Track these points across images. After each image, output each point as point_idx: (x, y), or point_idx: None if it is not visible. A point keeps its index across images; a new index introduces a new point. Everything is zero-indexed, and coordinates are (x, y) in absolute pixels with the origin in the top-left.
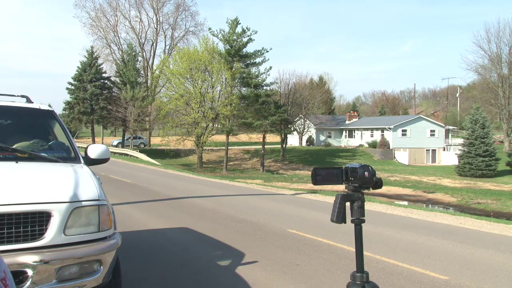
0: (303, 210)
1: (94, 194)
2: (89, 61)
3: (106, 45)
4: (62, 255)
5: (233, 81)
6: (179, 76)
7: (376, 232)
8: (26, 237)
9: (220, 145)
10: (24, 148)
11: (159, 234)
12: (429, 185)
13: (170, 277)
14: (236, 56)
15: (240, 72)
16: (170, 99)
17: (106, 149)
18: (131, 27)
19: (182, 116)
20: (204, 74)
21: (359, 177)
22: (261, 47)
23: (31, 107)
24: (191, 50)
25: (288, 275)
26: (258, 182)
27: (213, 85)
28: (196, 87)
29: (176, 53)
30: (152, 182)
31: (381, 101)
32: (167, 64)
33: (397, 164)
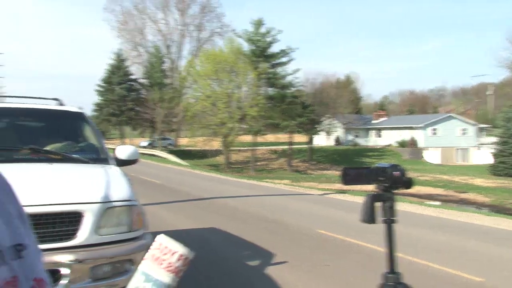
0: (332, 210)
1: (125, 195)
2: (117, 63)
3: (134, 47)
4: (95, 254)
5: (259, 82)
6: (205, 77)
7: (406, 233)
8: (61, 237)
9: (247, 145)
10: (56, 150)
11: (187, 235)
12: (461, 185)
13: (199, 277)
14: (262, 57)
15: (266, 73)
16: (197, 100)
17: (135, 150)
18: (157, 29)
19: (209, 117)
20: (230, 75)
21: (389, 176)
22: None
23: (63, 110)
24: (217, 51)
25: (317, 275)
26: (285, 182)
27: (239, 86)
28: (222, 88)
29: (202, 54)
30: (180, 183)
31: (409, 100)
32: (193, 65)
33: (427, 164)
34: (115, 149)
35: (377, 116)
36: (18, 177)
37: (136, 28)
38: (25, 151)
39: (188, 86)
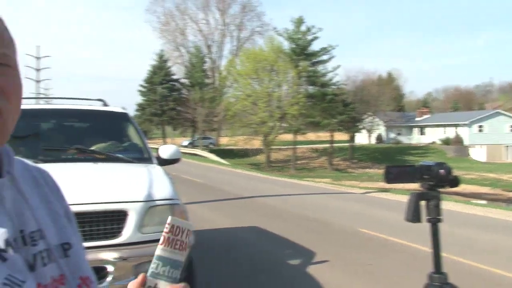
0: (374, 209)
1: (167, 194)
2: (159, 64)
3: (175, 48)
4: (139, 252)
5: (299, 80)
6: (245, 76)
7: (452, 232)
8: (106, 235)
9: (287, 144)
10: (101, 150)
11: (229, 233)
12: (509, 183)
13: (241, 276)
14: (302, 55)
15: (306, 71)
16: (237, 100)
17: (177, 149)
18: (198, 29)
19: (250, 116)
20: (270, 74)
21: (434, 175)
22: (327, 43)
23: (107, 110)
24: (257, 50)
25: (360, 275)
26: (326, 181)
27: (280, 85)
28: (263, 87)
29: (243, 53)
30: (221, 182)
31: (454, 97)
32: (233, 65)
33: (473, 162)
34: (158, 148)
35: (421, 114)
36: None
37: (178, 28)
38: (72, 151)
39: (229, 85)
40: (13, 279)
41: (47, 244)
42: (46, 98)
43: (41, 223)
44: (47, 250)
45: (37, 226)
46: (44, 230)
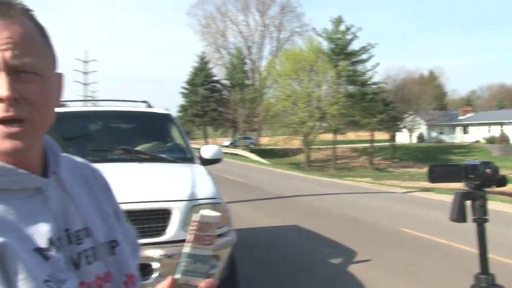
0: (416, 208)
1: (210, 193)
2: (201, 65)
3: (216, 50)
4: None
5: (339, 80)
6: (285, 77)
7: (498, 233)
8: (151, 233)
9: (327, 143)
10: (146, 150)
11: (270, 232)
12: None
13: (281, 275)
14: (341, 54)
15: (346, 70)
16: (277, 100)
17: (218, 149)
18: (238, 31)
19: (289, 116)
20: (310, 74)
21: (480, 174)
22: (366, 42)
23: (151, 112)
24: (296, 51)
25: (403, 274)
26: (367, 180)
27: (319, 85)
28: (303, 87)
29: (282, 54)
30: (262, 181)
31: (499, 94)
32: (273, 65)
33: None
34: (200, 148)
35: (464, 112)
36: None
37: (218, 30)
38: (118, 152)
39: (269, 86)
40: (55, 277)
41: (93, 242)
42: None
43: (88, 222)
44: (93, 248)
45: (83, 224)
46: (91, 228)
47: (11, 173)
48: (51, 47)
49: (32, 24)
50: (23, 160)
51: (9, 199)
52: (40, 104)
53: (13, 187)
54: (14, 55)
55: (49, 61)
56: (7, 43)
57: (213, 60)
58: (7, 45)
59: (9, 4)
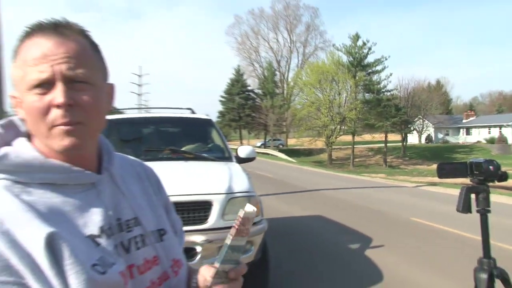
0: (425, 200)
1: (245, 187)
2: (236, 77)
3: (250, 63)
4: (221, 236)
5: (356, 88)
6: (310, 86)
7: (498, 222)
8: (195, 221)
9: (346, 144)
10: (190, 150)
11: (296, 221)
12: None
13: (307, 257)
14: (358, 66)
15: (362, 80)
16: (303, 106)
17: (252, 149)
18: (269, 47)
19: (313, 120)
20: (331, 84)
21: (484, 170)
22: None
23: (195, 117)
24: (320, 64)
25: (412, 258)
26: (381, 176)
27: (339, 93)
28: (325, 95)
29: (307, 66)
30: (289, 177)
31: (498, 100)
32: (300, 76)
33: None
34: (236, 149)
35: (467, 116)
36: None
37: (252, 47)
38: (167, 152)
39: (296, 94)
40: (104, 261)
41: (142, 230)
42: (146, 108)
43: (138, 212)
44: (141, 236)
45: (133, 214)
46: (140, 218)
47: (68, 171)
48: (103, 61)
49: (86, 41)
50: (79, 158)
51: (67, 193)
52: (91, 109)
53: (70, 182)
54: (69, 67)
55: (100, 72)
56: (63, 57)
57: (247, 72)
58: (63, 59)
59: (67, 25)
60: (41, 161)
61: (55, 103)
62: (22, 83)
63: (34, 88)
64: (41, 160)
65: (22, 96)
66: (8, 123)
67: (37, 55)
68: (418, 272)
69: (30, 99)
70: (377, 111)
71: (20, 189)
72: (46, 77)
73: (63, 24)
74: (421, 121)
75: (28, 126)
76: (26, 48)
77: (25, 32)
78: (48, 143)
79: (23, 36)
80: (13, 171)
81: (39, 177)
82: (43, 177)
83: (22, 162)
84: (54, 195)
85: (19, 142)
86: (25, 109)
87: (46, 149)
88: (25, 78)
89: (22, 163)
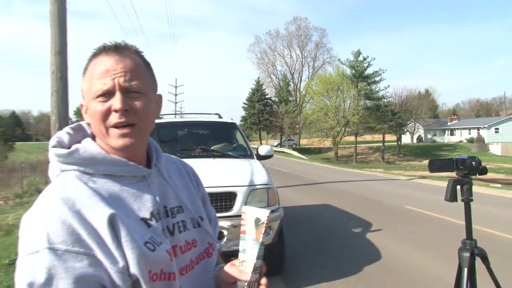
0: (416, 191)
1: (264, 180)
2: (257, 87)
3: (268, 75)
4: None
5: (359, 96)
6: (319, 94)
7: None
8: (223, 208)
9: (350, 143)
10: (217, 149)
11: (307, 209)
12: None
13: (317, 238)
14: (360, 78)
15: (363, 89)
16: (313, 112)
17: (271, 148)
18: (284, 62)
19: (322, 123)
20: (337, 92)
21: (467, 165)
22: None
23: (221, 121)
24: (327, 76)
25: (406, 240)
26: (379, 171)
27: (344, 100)
28: (332, 102)
29: (316, 78)
30: (302, 171)
31: (476, 106)
32: (310, 86)
33: (491, 155)
34: (257, 148)
35: (451, 119)
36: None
37: (270, 62)
38: (198, 150)
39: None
40: (154, 240)
41: (184, 216)
42: (180, 114)
43: (181, 201)
44: (183, 221)
45: (177, 203)
46: (183, 206)
47: (125, 164)
48: (153, 75)
49: (140, 59)
50: (133, 154)
51: (124, 183)
52: (142, 114)
53: (126, 174)
54: (125, 80)
55: (150, 85)
56: (121, 72)
57: (266, 83)
58: (121, 73)
59: (125, 46)
60: (104, 156)
61: (114, 108)
62: (89, 93)
63: (98, 97)
64: (104, 155)
65: (88, 104)
66: (77, 126)
67: (101, 70)
68: (411, 251)
69: (94, 105)
70: (376, 115)
71: (87, 178)
72: (108, 88)
73: (122, 45)
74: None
75: (92, 128)
76: (93, 65)
77: (93, 53)
78: (108, 141)
79: (91, 56)
80: (82, 164)
81: (102, 169)
82: (105, 169)
83: (88, 156)
84: (114, 184)
85: (86, 141)
86: (90, 114)
87: (107, 147)
88: (91, 89)
89: (89, 157)
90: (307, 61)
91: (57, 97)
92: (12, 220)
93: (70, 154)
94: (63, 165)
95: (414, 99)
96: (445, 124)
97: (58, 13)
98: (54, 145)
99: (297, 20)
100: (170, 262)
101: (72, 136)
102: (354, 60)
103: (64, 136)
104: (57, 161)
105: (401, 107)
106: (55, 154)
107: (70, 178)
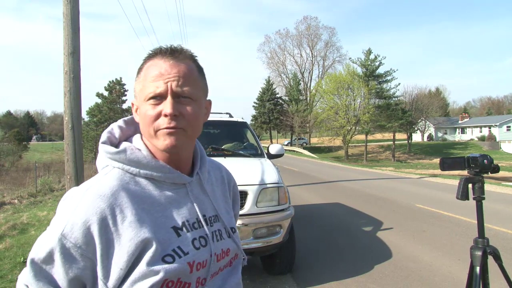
0: (427, 189)
1: (274, 179)
2: (267, 86)
3: (278, 75)
4: (255, 220)
5: (369, 95)
6: (329, 93)
7: (487, 207)
8: None
9: (360, 142)
10: (228, 148)
11: (318, 207)
12: None
13: (328, 237)
14: (371, 76)
15: (374, 88)
16: (323, 110)
17: (281, 147)
18: (294, 61)
19: (332, 122)
20: (347, 91)
21: (479, 164)
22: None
23: (232, 120)
24: (337, 74)
25: (416, 238)
26: (390, 169)
27: (354, 99)
28: (342, 101)
29: (326, 77)
30: (312, 170)
31: (488, 104)
32: (320, 85)
33: (503, 153)
34: (268, 147)
35: (462, 118)
36: None
37: (280, 61)
38: (209, 150)
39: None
40: (179, 250)
41: (221, 226)
42: None
43: (218, 211)
44: (219, 230)
45: (214, 212)
46: (220, 216)
47: (167, 171)
48: (205, 80)
49: (194, 64)
50: (178, 158)
51: (164, 188)
52: (191, 119)
53: (167, 181)
54: (177, 85)
55: (202, 91)
56: (174, 76)
57: (276, 82)
58: (174, 78)
59: (181, 51)
60: (149, 160)
61: (165, 113)
62: (141, 94)
63: (150, 99)
64: (149, 160)
65: (139, 104)
66: (130, 120)
67: (155, 74)
68: (422, 250)
69: (146, 108)
70: (386, 114)
71: (130, 178)
72: (160, 92)
73: (178, 50)
74: (423, 122)
75: (141, 128)
76: (147, 67)
77: (148, 54)
78: (154, 142)
79: (146, 57)
80: (127, 163)
81: (145, 173)
82: (147, 173)
83: (134, 158)
84: (154, 188)
85: (136, 139)
86: (140, 115)
87: (153, 148)
88: (144, 91)
89: (134, 160)
90: (317, 60)
91: (70, 98)
92: (27, 219)
93: (117, 153)
94: (110, 161)
95: (424, 98)
96: (456, 122)
97: (71, 14)
98: (104, 141)
99: (307, 19)
100: (190, 273)
101: (123, 130)
102: (365, 59)
103: (116, 130)
104: (105, 156)
105: (412, 106)
106: (104, 151)
107: (114, 178)
